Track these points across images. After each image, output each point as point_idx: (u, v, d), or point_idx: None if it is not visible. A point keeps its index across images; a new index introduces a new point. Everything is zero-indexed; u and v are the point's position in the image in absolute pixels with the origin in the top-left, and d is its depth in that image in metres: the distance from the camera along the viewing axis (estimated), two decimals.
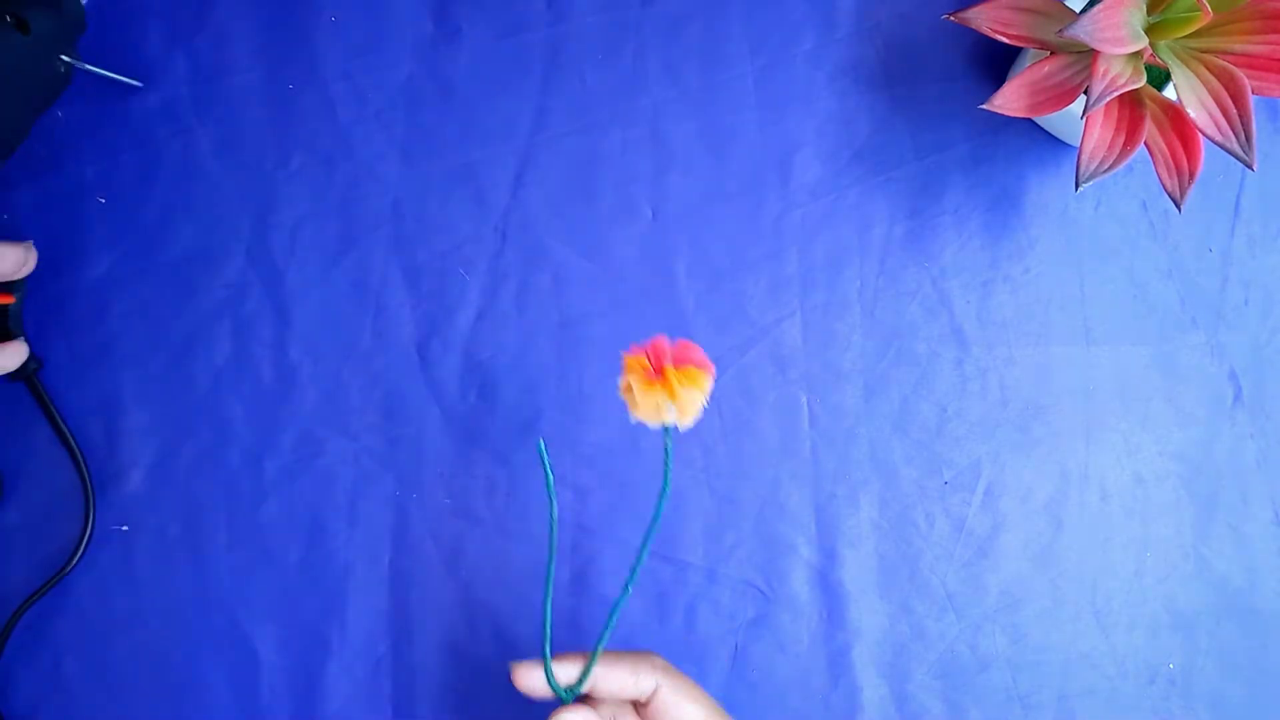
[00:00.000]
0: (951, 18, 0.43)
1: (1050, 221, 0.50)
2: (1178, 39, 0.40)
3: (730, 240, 0.51)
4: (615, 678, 0.39)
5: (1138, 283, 0.50)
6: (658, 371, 0.35)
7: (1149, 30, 0.39)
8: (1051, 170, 0.50)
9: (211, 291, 0.51)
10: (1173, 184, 0.40)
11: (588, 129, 0.51)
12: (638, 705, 0.41)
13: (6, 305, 0.48)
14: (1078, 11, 0.38)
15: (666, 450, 0.37)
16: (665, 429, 0.36)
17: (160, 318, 0.51)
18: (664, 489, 0.37)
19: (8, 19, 0.44)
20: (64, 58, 0.47)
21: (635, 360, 0.35)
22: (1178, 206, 0.40)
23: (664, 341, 0.35)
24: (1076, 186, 0.40)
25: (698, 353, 0.36)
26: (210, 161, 0.51)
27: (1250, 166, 0.38)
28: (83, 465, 0.49)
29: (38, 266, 0.50)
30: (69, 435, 0.49)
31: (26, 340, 0.49)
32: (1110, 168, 0.40)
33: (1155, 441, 0.49)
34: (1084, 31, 0.36)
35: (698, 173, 0.51)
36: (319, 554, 0.50)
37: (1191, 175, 0.40)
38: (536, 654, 0.50)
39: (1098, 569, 0.49)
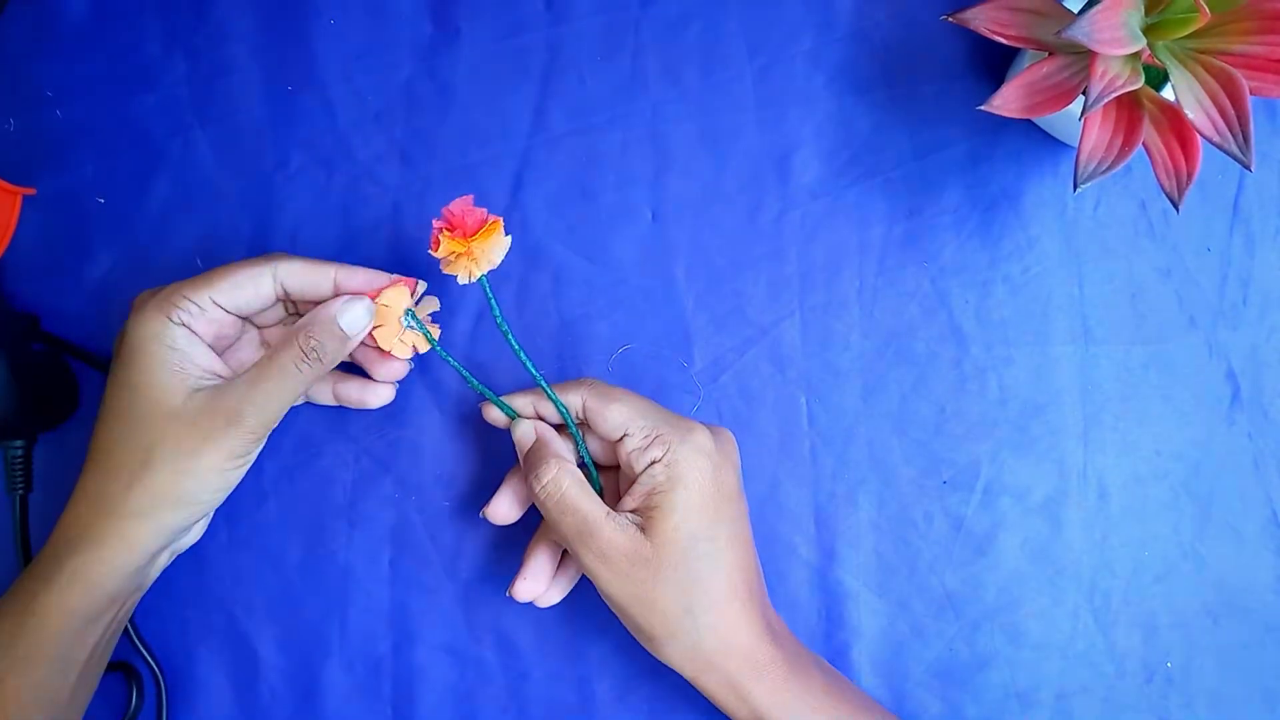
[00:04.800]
0: (950, 18, 0.43)
1: (1049, 222, 0.50)
2: (1176, 40, 0.40)
3: (729, 240, 0.51)
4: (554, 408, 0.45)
5: (1136, 283, 0.50)
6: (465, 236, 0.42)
7: (1147, 31, 0.39)
8: (1050, 171, 0.50)
9: None
10: (1171, 184, 0.40)
11: (588, 129, 0.51)
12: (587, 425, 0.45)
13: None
14: (1075, 12, 0.38)
15: (488, 295, 0.43)
16: (481, 281, 0.43)
17: None
18: (502, 326, 0.44)
19: None
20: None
21: (439, 237, 0.42)
22: (1176, 207, 0.40)
23: (456, 215, 0.42)
24: (1075, 187, 0.40)
25: (479, 214, 0.42)
26: (210, 162, 0.51)
27: (1248, 167, 0.38)
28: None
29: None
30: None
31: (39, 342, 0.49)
32: (1109, 168, 0.40)
33: (1153, 441, 0.49)
34: (1082, 33, 0.37)
35: (697, 173, 0.51)
36: (319, 554, 0.50)
37: (1190, 176, 0.40)
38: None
39: (1096, 568, 0.49)
